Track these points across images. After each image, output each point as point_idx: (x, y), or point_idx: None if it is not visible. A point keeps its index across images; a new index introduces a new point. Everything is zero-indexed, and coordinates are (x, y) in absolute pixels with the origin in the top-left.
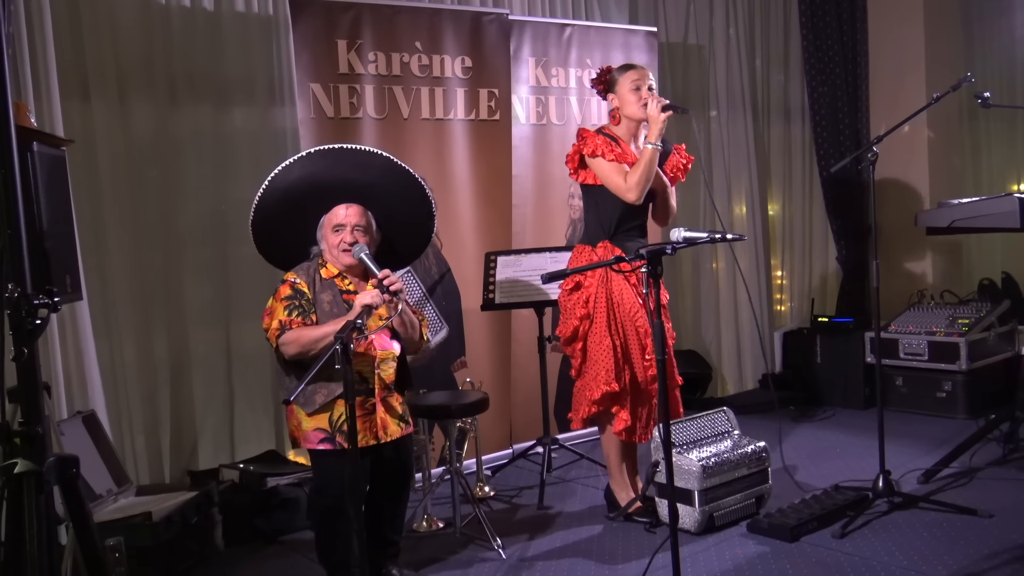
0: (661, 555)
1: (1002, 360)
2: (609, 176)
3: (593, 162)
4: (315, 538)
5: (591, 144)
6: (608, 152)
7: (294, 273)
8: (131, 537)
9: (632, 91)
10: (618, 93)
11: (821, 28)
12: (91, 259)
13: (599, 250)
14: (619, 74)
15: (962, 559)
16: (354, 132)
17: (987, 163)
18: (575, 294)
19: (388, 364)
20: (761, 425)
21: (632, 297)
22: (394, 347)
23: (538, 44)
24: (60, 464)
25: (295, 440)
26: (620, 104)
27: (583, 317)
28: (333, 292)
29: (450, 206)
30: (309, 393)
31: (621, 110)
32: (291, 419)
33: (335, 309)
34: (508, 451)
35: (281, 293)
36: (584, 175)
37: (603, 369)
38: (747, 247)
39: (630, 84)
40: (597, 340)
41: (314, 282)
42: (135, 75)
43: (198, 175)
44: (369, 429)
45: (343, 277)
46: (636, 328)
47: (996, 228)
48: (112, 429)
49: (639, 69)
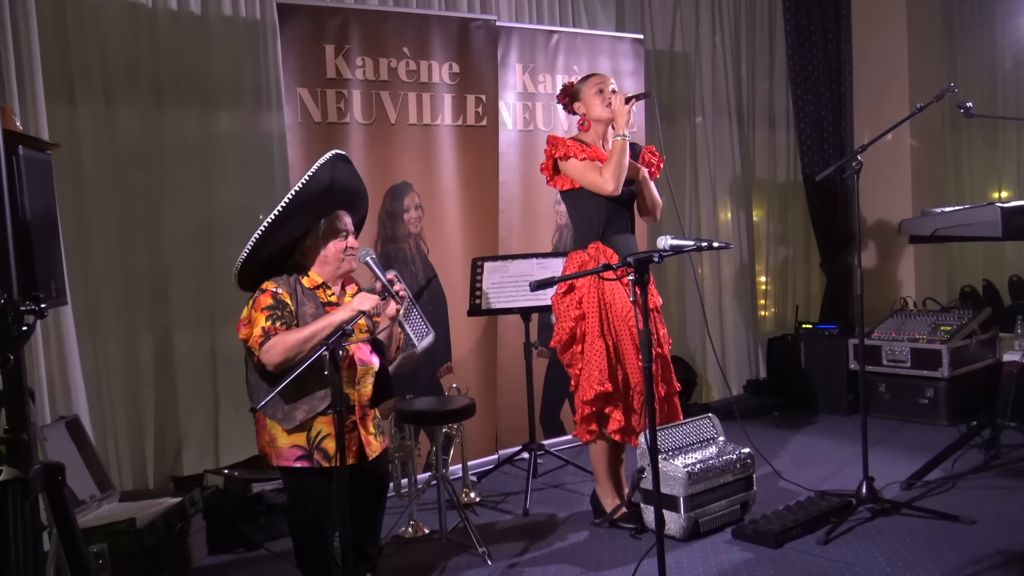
0: (647, 561)
1: (983, 367)
2: (584, 174)
3: (566, 164)
4: (295, 553)
5: (561, 148)
6: (579, 152)
7: (274, 283)
8: (115, 544)
9: (595, 95)
10: (583, 99)
11: (806, 37)
12: (75, 263)
13: (591, 251)
14: (581, 84)
15: (944, 565)
16: (341, 137)
17: (968, 171)
18: (568, 296)
19: (367, 380)
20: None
21: (624, 298)
22: (374, 361)
23: (525, 50)
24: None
25: (267, 456)
26: (586, 109)
27: (578, 318)
28: (315, 303)
29: (437, 211)
30: (288, 410)
31: (588, 114)
32: (262, 434)
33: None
34: (494, 457)
35: (261, 303)
36: (560, 181)
37: (596, 370)
38: (732, 253)
39: (593, 89)
40: (590, 341)
41: (295, 292)
42: (121, 79)
43: (184, 179)
44: (350, 447)
45: (326, 288)
46: (630, 328)
47: (979, 237)
48: (95, 434)
49: (600, 75)
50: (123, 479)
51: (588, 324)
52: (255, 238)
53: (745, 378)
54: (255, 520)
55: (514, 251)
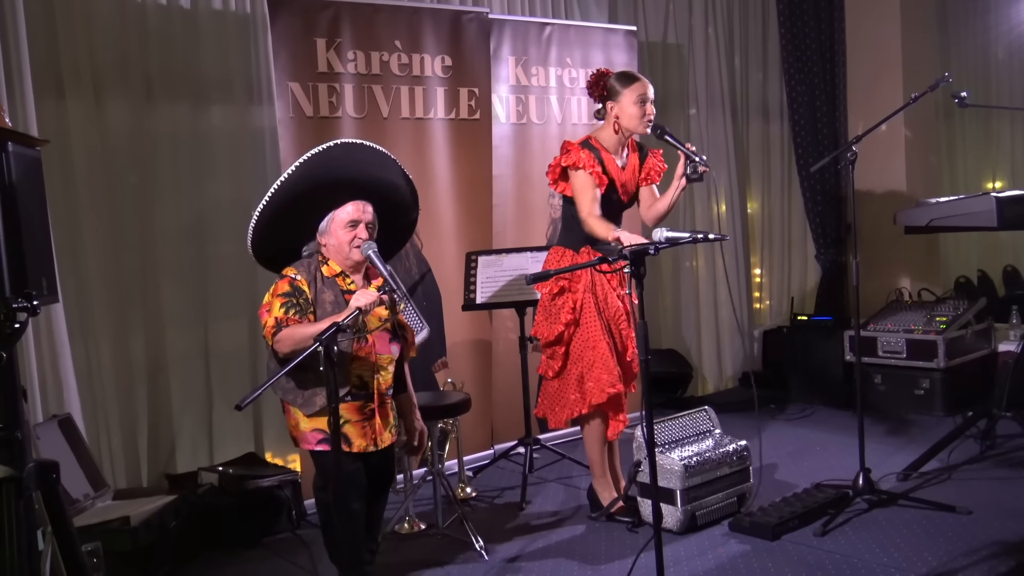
0: (645, 555)
1: (979, 357)
2: (581, 192)
3: (575, 175)
4: (322, 528)
5: (574, 156)
6: (588, 165)
7: (294, 269)
8: (109, 542)
9: (636, 104)
10: (620, 103)
11: (799, 27)
12: (66, 260)
13: (582, 255)
14: (621, 84)
15: (941, 555)
16: (333, 131)
17: (963, 161)
18: (560, 298)
19: (387, 369)
20: (742, 424)
21: (615, 300)
22: (393, 351)
23: (518, 43)
24: (40, 469)
25: (293, 439)
26: (620, 114)
27: (569, 323)
28: (335, 291)
29: (430, 206)
30: (308, 395)
31: (620, 120)
32: (289, 418)
33: (337, 310)
34: (490, 452)
35: (278, 288)
36: (565, 187)
37: (605, 372)
38: (726, 246)
39: (636, 97)
40: (591, 345)
41: (315, 280)
42: (111, 73)
43: (175, 175)
44: (368, 435)
45: (344, 276)
46: (619, 330)
47: (974, 227)
48: (88, 432)
49: (643, 82)
50: (117, 477)
51: (587, 328)
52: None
53: (741, 370)
54: (250, 517)
55: (508, 245)
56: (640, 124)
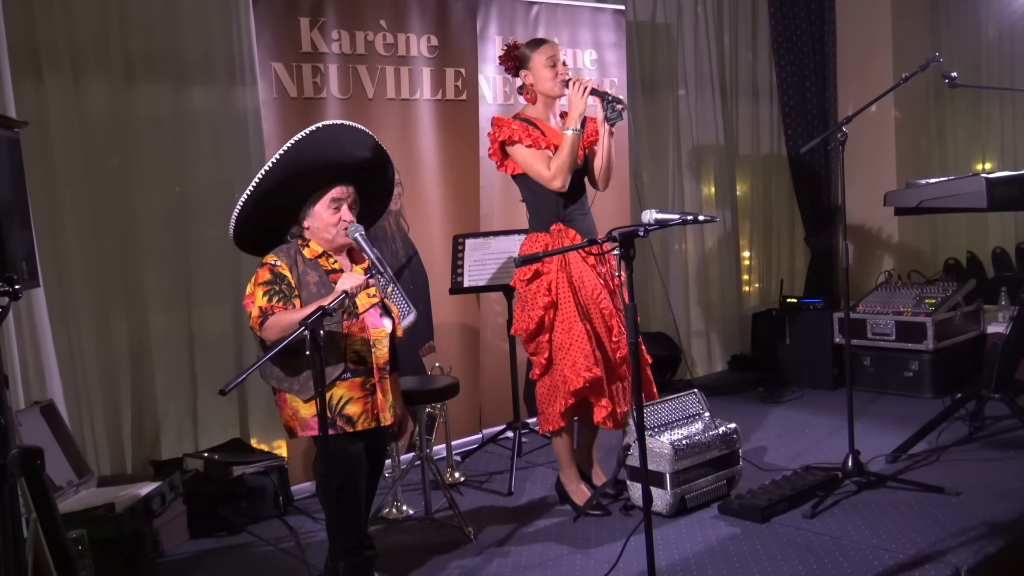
0: (634, 539)
1: (968, 339)
2: (531, 164)
3: (513, 150)
4: (327, 521)
5: (507, 130)
6: (525, 137)
7: (274, 255)
8: (94, 529)
9: (548, 67)
10: (532, 69)
11: (789, 7)
12: (47, 244)
13: (554, 233)
14: (531, 50)
15: (930, 536)
16: (318, 112)
17: (952, 142)
18: (534, 283)
19: (382, 344)
20: (731, 406)
21: (593, 278)
22: (385, 325)
23: (505, 22)
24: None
25: (291, 430)
26: (535, 80)
27: (547, 306)
28: (319, 272)
29: (417, 188)
30: (304, 380)
31: (536, 86)
32: (284, 410)
33: (322, 290)
34: (478, 436)
35: (260, 277)
36: (511, 165)
37: (580, 355)
38: (715, 228)
39: (545, 60)
40: (567, 327)
41: (296, 263)
42: (90, 53)
43: (157, 156)
44: (371, 411)
45: (327, 256)
46: (600, 310)
47: (964, 208)
48: (71, 419)
49: (552, 44)
50: (100, 464)
51: (563, 311)
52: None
53: (730, 353)
54: (236, 503)
55: (496, 228)
56: (554, 85)
